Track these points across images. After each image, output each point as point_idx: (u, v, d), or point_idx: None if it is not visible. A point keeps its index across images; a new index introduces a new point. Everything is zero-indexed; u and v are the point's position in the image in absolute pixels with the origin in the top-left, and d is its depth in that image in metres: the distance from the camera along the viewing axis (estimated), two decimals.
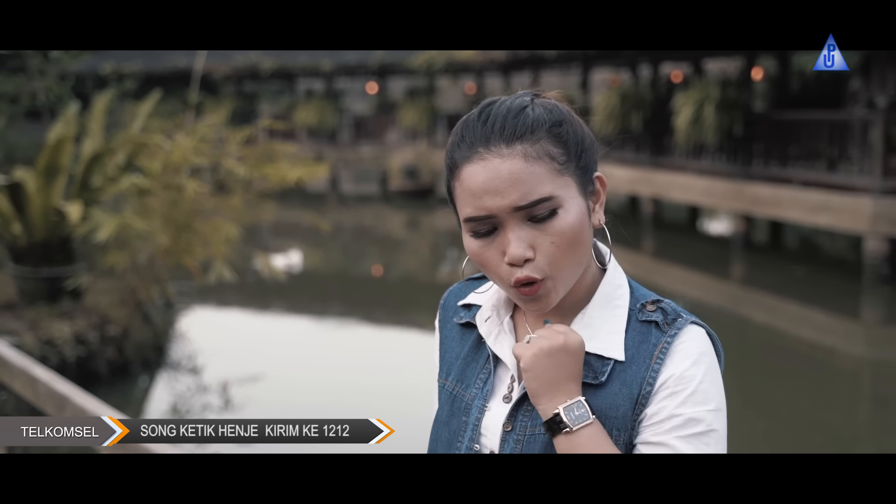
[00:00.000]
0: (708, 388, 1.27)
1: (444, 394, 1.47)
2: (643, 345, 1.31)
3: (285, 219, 18.43)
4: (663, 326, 1.31)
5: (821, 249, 15.91)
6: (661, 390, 1.28)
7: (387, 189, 24.03)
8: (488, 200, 1.26)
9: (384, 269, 15.79)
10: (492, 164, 1.26)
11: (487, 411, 1.39)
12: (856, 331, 10.74)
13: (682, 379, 1.27)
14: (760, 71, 17.74)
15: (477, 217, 1.28)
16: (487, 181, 1.26)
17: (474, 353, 1.46)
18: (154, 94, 9.38)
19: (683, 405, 1.26)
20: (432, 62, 22.16)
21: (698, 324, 1.33)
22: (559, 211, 1.27)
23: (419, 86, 24.95)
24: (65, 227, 7.92)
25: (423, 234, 19.56)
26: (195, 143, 7.73)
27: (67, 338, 7.40)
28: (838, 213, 12.29)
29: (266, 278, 10.51)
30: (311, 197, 22.62)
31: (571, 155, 1.30)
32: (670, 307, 1.34)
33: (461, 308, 1.52)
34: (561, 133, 1.30)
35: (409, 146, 23.38)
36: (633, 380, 1.29)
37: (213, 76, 23.68)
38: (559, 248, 1.27)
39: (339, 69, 24.35)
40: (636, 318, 1.34)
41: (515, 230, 1.27)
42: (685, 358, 1.29)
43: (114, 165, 8.15)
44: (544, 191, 1.26)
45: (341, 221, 19.71)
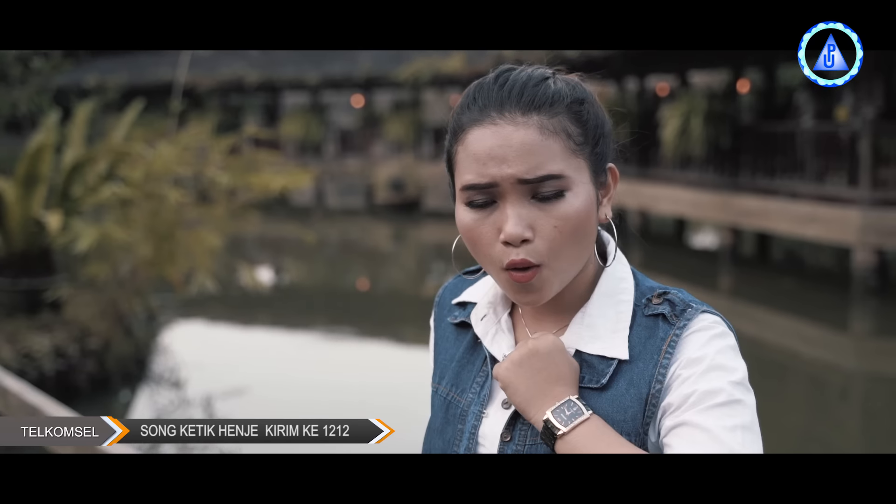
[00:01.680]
0: (723, 362, 1.14)
1: (437, 400, 1.35)
2: (650, 340, 1.19)
3: (270, 232, 18.32)
4: (671, 318, 1.19)
5: (809, 261, 15.90)
6: (673, 380, 1.15)
7: (372, 202, 23.95)
8: (492, 167, 1.15)
9: (370, 283, 15.68)
10: (503, 131, 1.15)
11: (485, 418, 1.27)
12: (845, 343, 10.69)
13: (692, 361, 1.15)
14: (747, 83, 17.75)
15: (476, 184, 1.16)
16: (495, 146, 1.15)
17: (470, 354, 1.34)
18: (136, 103, 9.25)
19: (696, 383, 1.13)
20: (418, 75, 22.12)
21: (710, 312, 1.20)
22: (567, 193, 1.16)
23: (405, 99, 24.91)
24: (44, 237, 7.78)
25: (409, 248, 19.47)
26: (178, 153, 7.60)
27: (47, 351, 7.25)
28: (826, 224, 12.26)
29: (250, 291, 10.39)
30: (297, 210, 22.52)
31: (589, 137, 1.19)
32: (678, 298, 1.22)
33: (455, 307, 1.40)
34: (581, 112, 1.19)
35: (395, 159, 23.32)
36: (641, 378, 1.17)
37: (197, 89, 23.55)
38: (562, 233, 1.15)
39: (324, 82, 24.29)
40: (642, 314, 1.22)
41: (516, 206, 1.15)
42: (694, 343, 1.17)
43: (95, 175, 8.02)
44: (555, 168, 1.15)
45: (327, 235, 19.60)
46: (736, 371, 1.14)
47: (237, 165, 7.96)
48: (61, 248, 8.08)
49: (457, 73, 21.61)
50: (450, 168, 1.24)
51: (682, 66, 18.66)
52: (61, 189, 8.06)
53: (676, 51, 13.92)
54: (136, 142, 8.03)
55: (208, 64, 25.54)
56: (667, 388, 1.15)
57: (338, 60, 24.86)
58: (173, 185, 7.68)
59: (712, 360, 1.14)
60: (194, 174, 8.07)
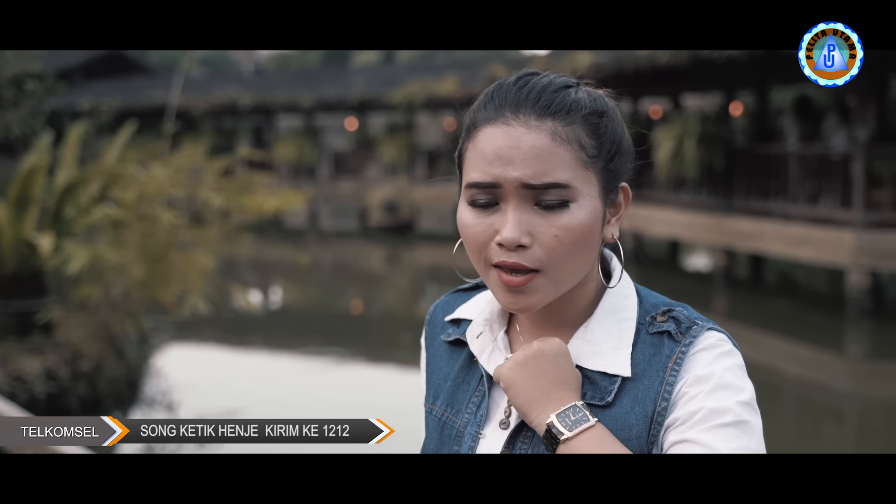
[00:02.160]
0: (731, 380, 1.12)
1: (431, 420, 1.31)
2: (655, 357, 1.16)
3: (264, 255, 18.27)
4: (676, 336, 1.16)
5: (802, 283, 15.89)
6: (679, 398, 1.12)
7: (366, 224, 23.92)
8: (498, 167, 1.13)
9: (364, 305, 15.63)
10: (515, 133, 1.13)
11: (482, 439, 1.23)
12: (840, 365, 10.66)
13: (699, 379, 1.12)
14: (739, 106, 17.82)
15: (480, 183, 1.14)
16: (503, 147, 1.13)
17: (465, 373, 1.30)
18: (129, 124, 9.23)
19: (703, 400, 1.10)
20: (412, 98, 22.16)
21: (716, 329, 1.18)
22: (572, 205, 1.13)
23: (398, 122, 24.95)
24: (36, 259, 7.74)
25: (402, 270, 19.43)
26: (171, 174, 7.58)
27: (38, 373, 7.19)
28: (820, 246, 12.25)
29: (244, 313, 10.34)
30: (290, 233, 22.48)
31: (603, 152, 1.16)
32: (683, 315, 1.19)
33: (449, 324, 1.36)
34: (599, 125, 1.16)
35: (389, 181, 23.31)
36: (646, 396, 1.14)
37: (191, 112, 23.54)
38: (562, 243, 1.12)
39: (318, 105, 24.29)
40: (646, 331, 1.19)
41: (517, 211, 1.13)
42: (701, 361, 1.14)
43: (87, 196, 7.99)
44: (562, 177, 1.12)
45: (320, 257, 19.56)
46: (744, 391, 1.12)
47: (231, 187, 7.93)
48: (53, 270, 8.04)
49: (450, 96, 21.65)
50: (459, 165, 1.22)
51: (675, 89, 18.72)
52: (53, 210, 8.02)
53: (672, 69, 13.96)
54: (129, 163, 8.00)
55: (202, 87, 25.57)
56: (672, 405, 1.13)
57: (331, 83, 24.91)
58: (166, 207, 7.65)
59: (720, 379, 1.12)
60: (188, 196, 8.04)
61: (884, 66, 12.75)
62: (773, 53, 11.64)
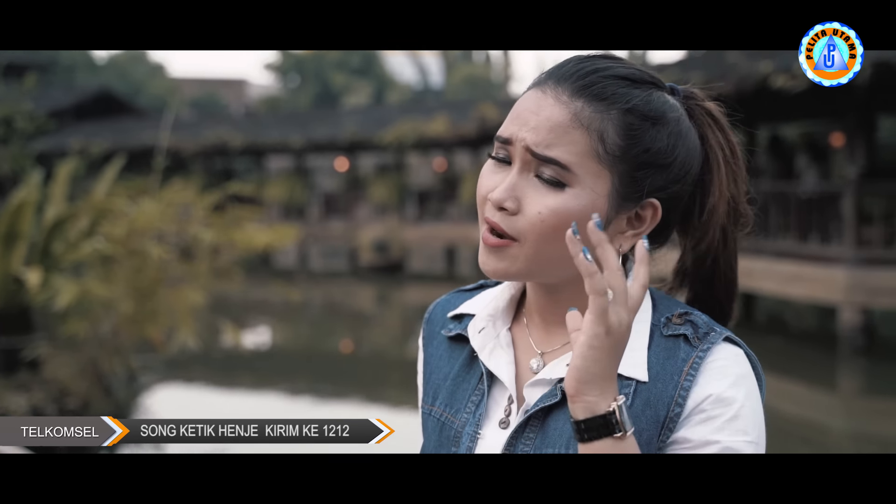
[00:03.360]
0: (749, 415, 1.08)
1: (430, 422, 1.26)
2: (669, 360, 1.11)
3: (253, 294, 18.19)
4: (693, 340, 1.12)
5: (794, 321, 15.90)
6: (695, 413, 1.08)
7: (356, 264, 23.89)
8: (513, 125, 1.12)
9: (353, 345, 15.55)
10: (543, 101, 1.11)
11: (480, 439, 1.18)
12: (833, 403, 10.64)
13: (720, 401, 1.07)
14: None
15: (499, 137, 1.14)
16: (525, 110, 1.12)
17: (465, 372, 1.25)
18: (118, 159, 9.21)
19: (720, 431, 1.06)
20: (402, 138, 22.23)
21: (736, 341, 1.13)
22: (568, 189, 1.09)
23: (389, 162, 25.02)
24: (24, 295, 7.67)
25: (392, 310, 19.37)
26: (161, 209, 7.54)
27: (24, 411, 7.10)
28: (812, 283, 12.27)
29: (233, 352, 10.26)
30: (280, 273, 22.43)
31: (629, 157, 1.10)
32: (701, 320, 1.14)
33: (450, 320, 1.31)
34: (637, 128, 1.11)
35: (379, 221, 23.31)
36: (659, 400, 1.09)
37: (181, 153, 23.55)
38: (543, 223, 1.09)
39: (308, 146, 24.35)
40: (660, 334, 1.14)
41: (516, 175, 1.11)
42: (722, 377, 1.09)
43: (76, 231, 7.94)
44: (564, 157, 1.08)
45: (310, 297, 19.49)
46: (757, 430, 1.09)
47: (221, 222, 7.89)
48: (41, 306, 7.96)
49: (440, 136, 21.75)
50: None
51: None
52: (42, 246, 7.97)
53: None
54: (119, 198, 7.97)
55: (192, 128, 25.64)
56: (687, 419, 1.08)
57: (322, 124, 25.00)
58: (156, 242, 7.60)
59: (741, 408, 1.08)
60: (177, 231, 7.99)
61: (871, 105, 12.85)
62: (763, 90, 11.74)
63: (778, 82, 11.17)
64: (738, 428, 1.07)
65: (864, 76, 10.34)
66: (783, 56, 11.86)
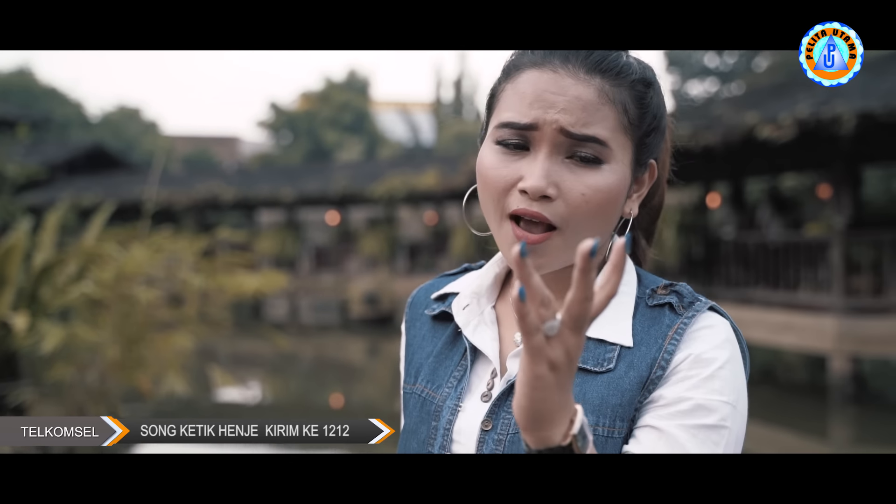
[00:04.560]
0: (728, 377, 1.07)
1: (411, 400, 1.26)
2: (654, 327, 1.11)
3: (243, 347, 18.10)
4: (678, 308, 1.12)
5: (785, 370, 15.86)
6: (674, 373, 1.07)
7: (347, 317, 23.81)
8: (537, 108, 1.07)
9: (344, 398, 15.43)
10: (562, 81, 1.08)
11: (461, 412, 1.17)
12: (826, 452, 10.55)
13: (698, 361, 1.07)
14: (717, 197, 18.04)
15: (515, 123, 1.08)
16: (547, 89, 1.08)
17: (448, 349, 1.24)
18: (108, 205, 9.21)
19: (696, 389, 1.05)
20: (393, 192, 22.32)
21: (720, 311, 1.13)
22: (605, 165, 1.08)
23: (380, 216, 25.08)
24: (10, 340, 7.60)
25: (383, 362, 19.25)
26: (151, 254, 7.52)
27: None
28: (802, 332, 12.28)
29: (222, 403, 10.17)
30: (271, 326, 22.33)
31: (644, 123, 1.13)
32: (686, 290, 1.15)
33: (434, 301, 1.31)
34: (645, 95, 1.13)
35: (370, 274, 23.30)
36: (642, 362, 1.09)
37: (173, 207, 23.59)
38: (588, 203, 1.07)
39: (299, 199, 24.40)
40: (645, 305, 1.15)
41: (548, 160, 1.07)
42: (704, 341, 1.09)
43: (65, 277, 7.91)
44: (602, 133, 1.07)
45: (301, 350, 19.39)
46: (736, 393, 1.07)
47: (210, 268, 7.87)
48: (27, 351, 7.90)
49: (431, 190, 21.83)
50: (489, 107, 1.18)
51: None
52: (30, 291, 7.92)
53: None
54: (109, 243, 7.95)
55: (184, 182, 25.71)
56: (667, 377, 1.08)
57: (314, 178, 25.08)
58: (145, 287, 7.57)
59: (718, 370, 1.07)
60: (167, 276, 7.97)
61: (857, 156, 12.98)
62: (749, 143, 11.85)
63: (764, 133, 11.28)
64: (714, 388, 1.06)
65: (848, 127, 10.46)
66: (769, 107, 12.00)
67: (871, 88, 11.12)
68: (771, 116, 11.31)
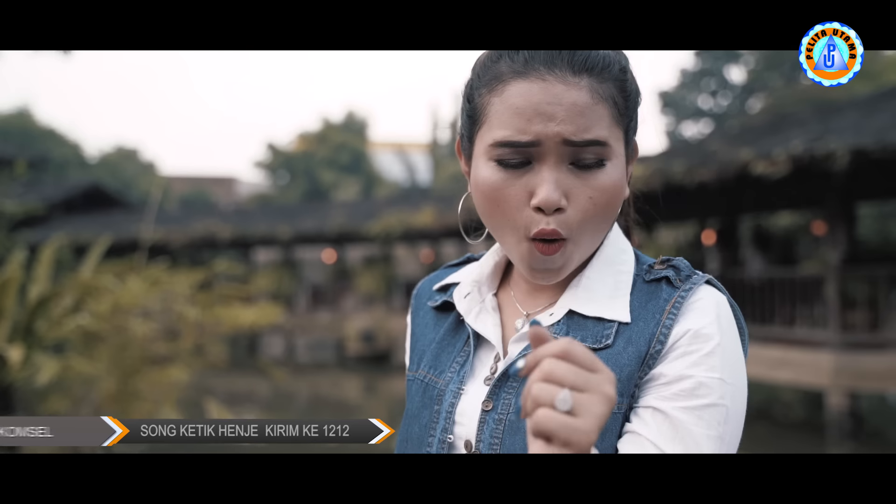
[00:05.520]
0: (727, 353, 1.08)
1: (414, 385, 1.27)
2: (652, 301, 1.13)
3: (239, 386, 18.04)
4: (675, 282, 1.13)
5: (782, 406, 15.81)
6: (674, 349, 1.08)
7: (343, 355, 23.75)
8: (538, 124, 1.07)
9: None
10: (554, 89, 1.07)
11: (463, 395, 1.18)
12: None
13: (697, 336, 1.08)
14: (712, 235, 18.09)
15: (516, 142, 1.08)
16: (543, 103, 1.07)
17: (451, 336, 1.26)
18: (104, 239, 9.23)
19: (696, 366, 1.06)
20: (389, 230, 22.37)
21: (717, 286, 1.14)
22: (607, 163, 1.10)
23: (376, 254, 25.12)
24: (5, 373, 7.58)
25: (379, 400, 19.18)
26: (147, 286, 7.53)
27: None
28: (798, 368, 12.26)
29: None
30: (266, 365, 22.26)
31: (630, 108, 1.14)
32: (683, 263, 1.16)
33: (436, 292, 1.33)
34: (626, 81, 1.14)
35: (366, 312, 23.29)
36: (641, 337, 1.10)
37: (169, 246, 23.61)
38: (596, 205, 1.09)
39: (296, 238, 24.44)
40: (643, 280, 1.16)
41: (554, 170, 1.08)
42: (703, 315, 1.09)
43: (61, 309, 7.90)
44: (601, 134, 1.08)
45: (297, 388, 19.31)
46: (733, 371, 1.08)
47: (207, 300, 7.87)
48: (22, 384, 7.86)
49: (427, 227, 21.88)
50: (472, 118, 1.16)
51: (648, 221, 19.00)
52: (25, 324, 7.91)
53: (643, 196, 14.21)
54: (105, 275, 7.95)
55: (180, 221, 25.74)
56: (666, 353, 1.09)
57: (310, 217, 25.15)
58: (141, 319, 7.57)
59: (717, 346, 1.08)
60: (163, 308, 7.96)
61: (850, 192, 13.05)
62: (743, 178, 11.92)
63: (758, 168, 11.34)
64: (714, 365, 1.06)
65: (842, 163, 10.53)
66: (763, 143, 12.08)
67: (864, 125, 11.22)
68: (765, 152, 11.37)
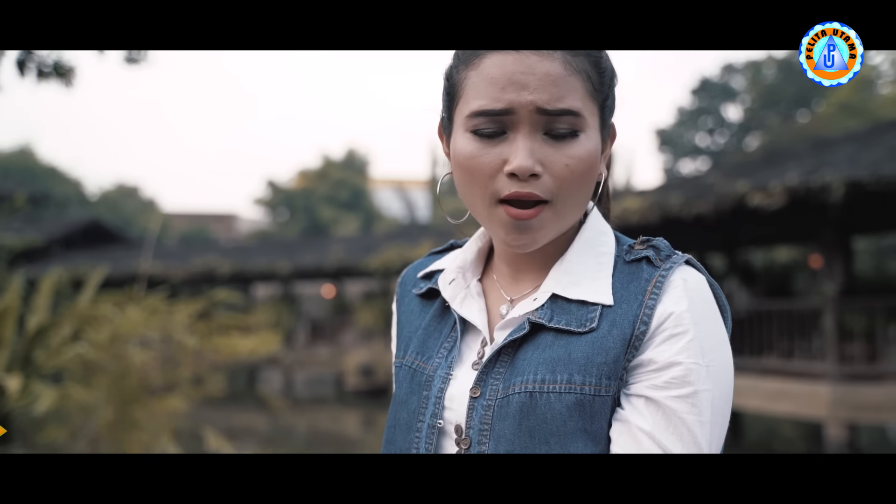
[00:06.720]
0: (709, 335, 1.10)
1: (402, 372, 1.28)
2: (633, 282, 1.14)
3: (237, 421, 17.96)
4: (656, 261, 1.15)
5: (780, 438, 15.73)
6: (659, 332, 1.10)
7: (342, 389, 23.67)
8: (511, 92, 1.09)
9: None
10: (527, 59, 1.10)
11: (452, 380, 1.19)
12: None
13: (681, 319, 1.09)
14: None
15: (490, 111, 1.10)
16: (517, 72, 1.09)
17: (437, 322, 1.28)
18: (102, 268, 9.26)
19: (684, 352, 1.08)
20: (388, 264, 22.38)
21: (696, 266, 1.16)
22: (581, 134, 1.12)
23: (375, 289, 25.11)
24: (3, 402, 7.57)
25: (378, 434, 19.03)
26: (146, 315, 7.54)
27: None
28: (797, 400, 12.24)
29: None
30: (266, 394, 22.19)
31: (604, 86, 1.16)
32: (663, 243, 1.18)
33: (421, 279, 1.35)
34: (600, 60, 1.16)
35: (365, 346, 23.24)
36: (625, 319, 1.11)
37: (169, 280, 23.60)
38: (573, 173, 1.11)
39: (295, 273, 24.45)
40: (623, 261, 1.17)
41: (528, 139, 1.10)
42: (684, 296, 1.11)
43: (59, 338, 7.91)
44: (575, 104, 1.11)
45: (296, 423, 19.24)
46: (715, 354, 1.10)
47: (206, 328, 7.88)
48: (19, 413, 7.85)
49: None
50: (450, 94, 1.18)
51: None
52: (23, 353, 7.91)
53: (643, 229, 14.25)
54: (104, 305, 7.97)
55: (180, 256, 25.77)
56: (651, 338, 1.10)
57: (310, 252, 25.18)
58: (139, 348, 7.57)
59: (700, 329, 1.10)
60: (162, 337, 7.97)
61: (846, 224, 13.10)
62: (740, 211, 11.98)
63: (755, 200, 11.40)
64: (700, 349, 1.08)
65: (837, 195, 10.59)
66: (759, 175, 12.15)
67: (858, 158, 11.30)
68: (761, 184, 11.44)
